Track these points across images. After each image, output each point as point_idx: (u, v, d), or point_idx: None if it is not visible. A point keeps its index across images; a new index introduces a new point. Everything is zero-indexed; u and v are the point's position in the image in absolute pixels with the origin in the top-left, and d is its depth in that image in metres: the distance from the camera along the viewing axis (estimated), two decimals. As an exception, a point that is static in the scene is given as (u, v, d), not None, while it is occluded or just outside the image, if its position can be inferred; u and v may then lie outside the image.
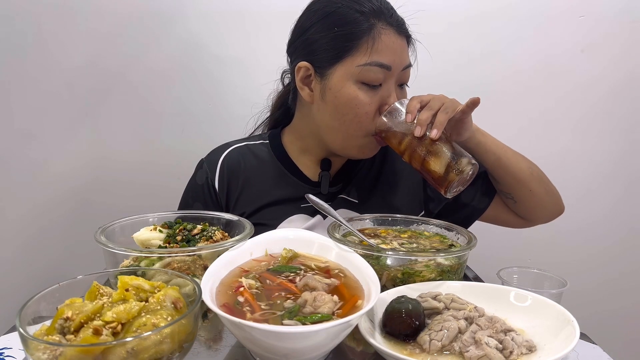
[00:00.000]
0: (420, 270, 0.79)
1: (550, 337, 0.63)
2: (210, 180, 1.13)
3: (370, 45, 0.94)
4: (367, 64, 0.94)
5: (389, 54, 0.95)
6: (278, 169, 1.12)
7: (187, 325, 0.55)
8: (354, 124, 0.98)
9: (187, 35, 1.51)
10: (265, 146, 1.16)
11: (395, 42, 0.96)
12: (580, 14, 1.53)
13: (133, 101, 1.54)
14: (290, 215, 1.08)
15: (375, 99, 0.97)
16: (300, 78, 1.02)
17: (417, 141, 0.90)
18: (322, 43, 0.98)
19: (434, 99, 0.92)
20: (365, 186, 1.13)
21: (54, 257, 1.57)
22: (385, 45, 0.95)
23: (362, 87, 0.96)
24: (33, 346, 0.50)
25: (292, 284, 0.68)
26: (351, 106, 0.97)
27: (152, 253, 0.77)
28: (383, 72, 0.95)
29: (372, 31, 0.94)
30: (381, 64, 0.95)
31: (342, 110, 0.98)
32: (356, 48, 0.95)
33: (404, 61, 0.99)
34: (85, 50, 1.48)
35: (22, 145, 1.51)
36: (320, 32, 0.98)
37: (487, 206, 1.13)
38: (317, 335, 0.55)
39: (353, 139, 1.01)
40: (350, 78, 0.96)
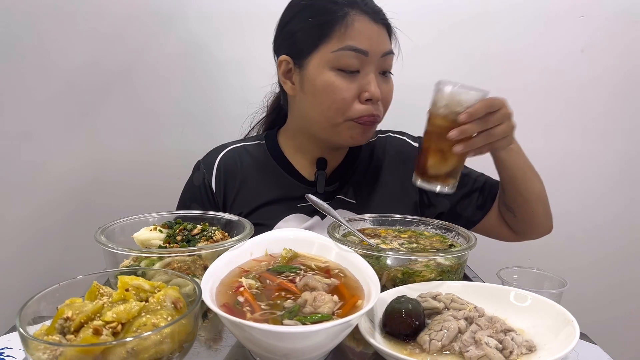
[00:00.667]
0: (420, 270, 0.79)
1: (550, 337, 0.63)
2: (207, 182, 1.13)
3: (344, 32, 0.95)
4: (341, 49, 0.95)
5: (364, 39, 0.95)
6: (274, 169, 1.13)
7: (187, 325, 0.55)
8: (332, 111, 0.99)
9: (186, 35, 1.51)
10: (262, 146, 1.17)
11: (371, 29, 0.96)
12: (580, 14, 1.53)
13: (133, 101, 1.54)
14: (287, 214, 1.08)
15: (352, 85, 0.97)
16: (282, 72, 1.05)
17: (441, 134, 0.86)
18: (299, 35, 1.00)
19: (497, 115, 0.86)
20: (362, 186, 1.13)
21: (54, 257, 1.57)
22: (359, 31, 0.95)
23: (338, 73, 0.97)
24: (33, 346, 0.50)
25: (292, 284, 0.68)
26: (328, 92, 0.97)
27: (152, 253, 0.77)
28: (359, 57, 0.95)
29: (346, 18, 0.95)
30: (356, 49, 0.95)
31: (320, 99, 0.99)
32: (330, 36, 0.96)
33: (382, 47, 0.98)
34: (84, 50, 1.48)
35: (22, 146, 1.51)
36: (297, 24, 1.01)
37: (480, 219, 1.14)
38: (317, 335, 0.55)
39: (335, 127, 1.01)
40: (327, 65, 0.97)
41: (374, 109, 0.99)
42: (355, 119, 0.99)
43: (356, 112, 0.98)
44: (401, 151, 1.18)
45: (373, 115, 1.00)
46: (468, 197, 1.13)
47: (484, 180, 1.15)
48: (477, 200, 1.13)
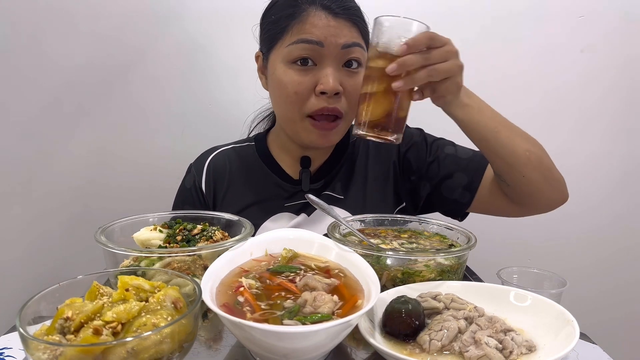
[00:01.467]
0: (420, 270, 0.79)
1: (550, 337, 0.63)
2: (197, 183, 1.16)
3: (299, 27, 0.96)
4: (293, 43, 0.96)
5: (318, 32, 0.95)
6: (261, 169, 1.15)
7: (187, 325, 0.55)
8: (287, 105, 1.00)
9: (186, 36, 1.51)
10: (251, 147, 1.19)
11: (327, 22, 0.95)
12: (580, 14, 1.53)
13: (132, 102, 1.54)
14: (274, 213, 1.10)
15: (306, 78, 0.96)
16: (258, 67, 1.09)
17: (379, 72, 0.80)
18: (265, 31, 1.04)
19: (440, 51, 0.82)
20: (349, 181, 1.14)
21: (54, 257, 1.57)
22: (314, 25, 0.95)
23: (292, 66, 0.97)
24: (33, 346, 0.50)
25: (292, 284, 0.68)
26: (282, 87, 0.99)
27: (152, 253, 0.77)
28: (313, 48, 0.95)
29: (302, 14, 0.96)
30: (308, 40, 0.95)
31: (277, 93, 1.01)
32: (286, 31, 0.98)
33: (341, 39, 0.96)
34: (83, 51, 1.48)
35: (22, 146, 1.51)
36: (265, 21, 1.05)
37: (470, 200, 1.08)
38: (317, 335, 0.55)
39: (293, 124, 1.02)
40: (282, 60, 0.98)
41: (329, 103, 0.97)
42: (311, 113, 0.98)
43: (311, 106, 0.98)
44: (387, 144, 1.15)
45: (328, 109, 0.97)
46: (450, 178, 1.09)
47: (468, 157, 1.08)
48: (461, 180, 1.08)
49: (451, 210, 1.14)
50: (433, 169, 1.11)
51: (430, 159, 1.12)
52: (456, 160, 1.09)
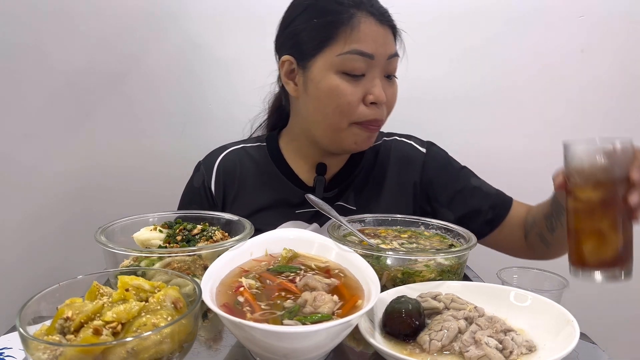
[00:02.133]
0: (420, 270, 0.79)
1: (550, 337, 0.63)
2: (207, 183, 1.13)
3: (350, 34, 0.93)
4: (347, 53, 0.93)
5: (370, 43, 0.94)
6: (273, 173, 1.12)
7: (187, 325, 0.55)
8: (336, 114, 0.97)
9: (185, 36, 1.51)
10: (262, 149, 1.16)
11: (377, 31, 0.94)
12: (580, 14, 1.53)
13: (132, 102, 1.54)
14: (285, 221, 1.07)
15: (358, 89, 0.95)
16: (284, 72, 1.03)
17: (594, 208, 0.69)
18: (303, 35, 0.98)
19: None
20: (363, 192, 1.11)
21: (54, 257, 1.57)
22: (365, 34, 0.93)
23: (343, 76, 0.95)
24: (33, 346, 0.50)
25: (292, 284, 0.68)
26: (332, 96, 0.96)
27: (152, 253, 0.77)
28: (365, 60, 0.94)
29: (352, 20, 0.93)
30: (362, 52, 0.93)
31: (324, 102, 0.98)
32: (335, 38, 0.94)
33: (388, 50, 0.96)
34: (83, 51, 1.48)
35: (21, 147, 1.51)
36: (301, 24, 0.99)
37: (487, 234, 1.09)
38: (317, 335, 0.55)
39: (338, 131, 1.00)
40: (331, 68, 0.95)
41: (377, 113, 0.98)
42: (360, 122, 0.98)
43: (361, 115, 0.97)
44: (407, 157, 1.14)
45: (377, 120, 0.99)
46: (476, 211, 1.09)
47: (494, 193, 1.11)
48: (485, 215, 1.09)
49: None
50: (459, 199, 1.10)
51: (457, 188, 1.11)
52: (483, 195, 1.10)
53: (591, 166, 0.69)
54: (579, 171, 0.70)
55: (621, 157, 0.69)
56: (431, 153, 1.15)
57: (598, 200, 0.67)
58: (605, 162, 0.69)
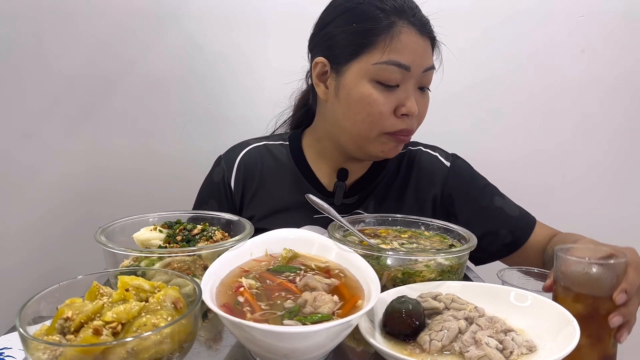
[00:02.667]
0: (420, 270, 0.79)
1: (550, 337, 0.63)
2: (227, 179, 1.11)
3: (389, 44, 0.91)
4: (383, 63, 0.91)
5: (408, 54, 0.91)
6: (294, 174, 1.10)
7: (187, 325, 0.55)
8: (365, 124, 0.95)
9: (186, 36, 1.51)
10: (285, 148, 1.13)
11: (416, 42, 0.92)
12: (580, 14, 1.53)
13: (132, 102, 1.54)
14: (302, 225, 1.03)
15: (391, 99, 0.93)
16: (317, 74, 1.00)
17: (587, 318, 0.67)
18: (339, 39, 0.96)
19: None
20: (383, 202, 1.09)
21: (54, 257, 1.57)
22: (404, 45, 0.91)
23: (377, 86, 0.93)
24: (33, 346, 0.50)
25: (292, 284, 0.68)
26: (364, 105, 0.94)
27: (152, 253, 0.77)
28: (401, 72, 0.92)
29: (392, 29, 0.91)
30: (399, 64, 0.91)
31: (355, 109, 0.95)
32: (374, 45, 0.92)
33: (425, 63, 0.94)
34: (84, 51, 1.48)
35: (22, 147, 1.51)
36: (338, 27, 0.96)
37: (504, 256, 1.08)
38: (317, 335, 0.55)
39: (365, 140, 0.98)
40: (366, 76, 0.93)
41: (407, 124, 0.96)
42: (390, 133, 0.96)
43: (391, 126, 0.95)
44: (430, 169, 1.12)
45: (408, 131, 0.97)
46: (495, 233, 1.06)
47: (517, 218, 1.07)
48: (505, 239, 1.06)
49: (480, 258, 1.11)
50: (478, 219, 1.07)
51: (478, 206, 1.08)
52: (504, 217, 1.07)
53: (575, 278, 0.69)
54: (563, 279, 0.71)
55: (607, 275, 0.68)
56: (455, 167, 1.12)
57: (577, 312, 0.66)
58: (589, 277, 0.68)
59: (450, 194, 1.10)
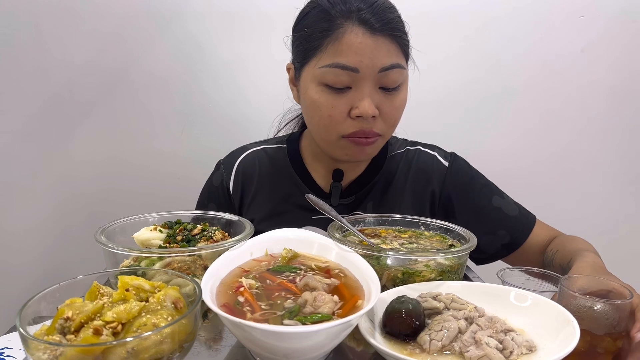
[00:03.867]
0: (420, 270, 0.79)
1: (550, 337, 0.63)
2: (225, 183, 1.13)
3: (333, 46, 0.89)
4: (327, 66, 0.89)
5: (354, 55, 0.88)
6: (291, 176, 1.10)
7: (187, 325, 0.55)
8: (321, 128, 0.95)
9: (186, 36, 1.51)
10: (283, 150, 1.14)
11: (364, 43, 0.88)
12: (580, 14, 1.53)
13: (132, 102, 1.54)
14: (301, 226, 1.01)
15: (341, 102, 0.91)
16: (290, 78, 1.03)
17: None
18: (297, 44, 0.97)
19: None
20: (381, 202, 1.09)
21: (54, 257, 1.57)
22: (349, 46, 0.88)
23: (325, 89, 0.91)
24: (33, 346, 0.50)
25: (293, 284, 0.68)
26: (314, 109, 0.94)
27: (152, 253, 0.77)
28: (348, 74, 0.89)
29: (337, 31, 0.89)
30: (343, 66, 0.88)
31: (310, 114, 0.97)
32: (320, 49, 0.91)
33: (378, 62, 0.89)
34: (84, 51, 1.48)
35: (22, 146, 1.51)
36: (296, 32, 0.98)
37: (504, 256, 1.08)
38: (317, 335, 0.55)
39: (328, 144, 0.98)
40: (314, 80, 0.92)
41: (365, 126, 0.93)
42: (347, 136, 0.94)
43: (346, 129, 0.93)
44: (428, 169, 1.11)
45: (365, 132, 0.93)
46: (493, 233, 1.06)
47: (515, 218, 1.07)
48: (503, 239, 1.06)
49: (480, 259, 1.11)
50: (477, 219, 1.06)
51: (477, 206, 1.07)
52: (503, 217, 1.07)
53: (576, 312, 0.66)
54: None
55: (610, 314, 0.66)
56: (454, 167, 1.11)
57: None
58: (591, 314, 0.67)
59: (449, 194, 1.10)
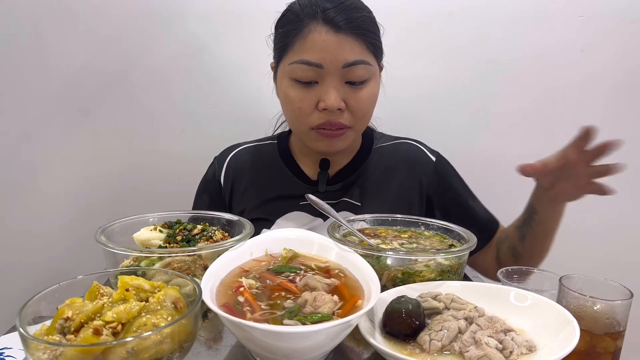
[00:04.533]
0: (420, 270, 0.79)
1: (550, 337, 0.63)
2: (217, 177, 1.20)
3: (300, 44, 0.97)
4: (294, 62, 0.97)
5: (317, 52, 0.95)
6: (281, 169, 1.16)
7: (187, 325, 0.55)
8: (293, 120, 1.04)
9: (186, 36, 1.51)
10: (273, 146, 1.21)
11: (327, 40, 0.95)
12: (580, 14, 1.53)
13: (132, 102, 1.54)
14: (289, 211, 1.12)
15: (309, 95, 0.98)
16: (273, 76, 1.10)
17: None
18: (274, 43, 1.06)
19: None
20: (368, 189, 1.14)
21: (54, 257, 1.57)
22: (313, 44, 0.95)
23: (295, 84, 0.99)
24: (33, 346, 0.50)
25: (292, 284, 0.68)
26: (286, 102, 1.02)
27: (152, 253, 0.77)
28: (312, 69, 0.96)
29: (302, 30, 0.97)
30: (307, 62, 0.96)
31: (283, 106, 1.06)
32: (290, 47, 0.99)
33: (341, 58, 0.95)
34: (84, 51, 1.48)
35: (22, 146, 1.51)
36: (275, 32, 1.06)
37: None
38: (317, 335, 0.55)
39: (302, 135, 1.06)
40: (285, 76, 1.01)
41: (332, 118, 0.99)
42: (315, 127, 1.00)
43: (315, 120, 1.00)
44: (416, 159, 1.17)
45: (332, 123, 0.99)
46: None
47: (485, 219, 1.15)
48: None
49: None
50: (455, 213, 1.12)
51: (455, 203, 1.15)
52: (475, 217, 1.14)
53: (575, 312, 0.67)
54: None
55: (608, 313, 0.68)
56: (440, 163, 1.17)
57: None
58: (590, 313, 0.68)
59: (433, 187, 1.15)
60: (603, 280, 0.72)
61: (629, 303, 0.67)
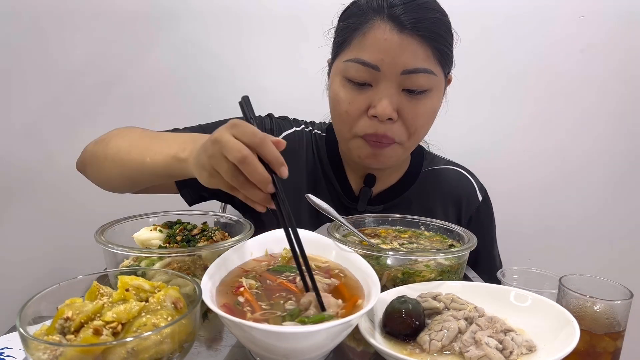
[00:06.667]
0: (420, 270, 0.79)
1: (550, 337, 0.63)
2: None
3: (359, 41, 0.87)
4: (350, 60, 0.88)
5: (377, 52, 0.85)
6: (326, 171, 1.06)
7: (187, 325, 0.55)
8: (338, 123, 0.94)
9: (187, 36, 1.51)
10: (322, 140, 1.09)
11: (389, 40, 0.84)
12: (580, 14, 1.53)
13: (132, 102, 1.54)
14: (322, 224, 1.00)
15: (360, 98, 0.89)
16: (327, 72, 1.01)
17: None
18: (334, 37, 0.96)
19: None
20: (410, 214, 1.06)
21: (54, 257, 1.57)
22: (374, 42, 0.85)
23: (346, 84, 0.90)
24: (33, 346, 0.50)
25: (293, 284, 0.68)
26: (334, 103, 0.93)
27: (152, 253, 0.77)
28: (368, 71, 0.86)
29: (365, 25, 0.87)
30: (364, 62, 0.86)
31: (331, 107, 0.96)
32: (348, 43, 0.89)
33: (401, 63, 0.85)
34: (84, 51, 1.49)
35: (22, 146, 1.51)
36: (336, 27, 0.97)
37: None
38: (317, 335, 0.55)
39: (345, 141, 0.96)
40: (339, 73, 0.91)
41: (380, 128, 0.89)
42: (361, 136, 0.91)
43: (361, 128, 0.90)
44: (460, 193, 1.09)
45: (378, 135, 0.89)
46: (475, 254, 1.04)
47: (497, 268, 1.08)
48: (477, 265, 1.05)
49: None
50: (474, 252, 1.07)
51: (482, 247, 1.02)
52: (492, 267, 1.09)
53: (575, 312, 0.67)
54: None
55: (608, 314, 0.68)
56: (485, 206, 1.12)
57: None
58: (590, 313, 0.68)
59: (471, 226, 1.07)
60: (603, 280, 0.72)
61: (629, 303, 0.67)
